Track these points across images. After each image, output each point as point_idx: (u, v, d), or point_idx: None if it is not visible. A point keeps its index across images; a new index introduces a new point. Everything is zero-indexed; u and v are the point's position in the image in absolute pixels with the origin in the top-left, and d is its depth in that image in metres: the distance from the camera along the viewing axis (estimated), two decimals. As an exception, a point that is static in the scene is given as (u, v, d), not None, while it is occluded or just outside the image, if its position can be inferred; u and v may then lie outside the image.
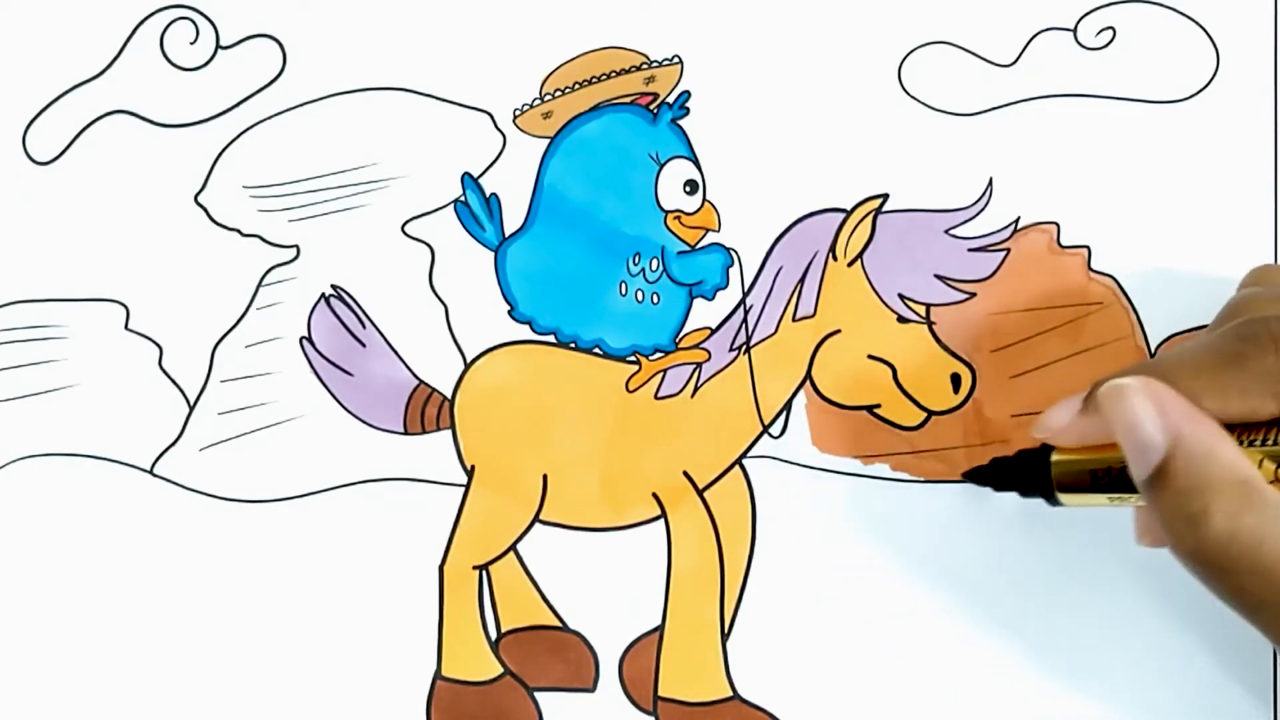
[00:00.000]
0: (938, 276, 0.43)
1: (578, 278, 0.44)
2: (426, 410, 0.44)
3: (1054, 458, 0.37)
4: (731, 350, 0.44)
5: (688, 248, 0.44)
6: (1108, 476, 0.36)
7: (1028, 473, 0.38)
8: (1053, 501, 0.38)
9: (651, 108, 0.44)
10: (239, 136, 0.44)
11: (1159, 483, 0.33)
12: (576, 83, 0.44)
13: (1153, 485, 0.34)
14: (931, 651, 0.43)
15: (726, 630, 0.44)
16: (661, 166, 0.44)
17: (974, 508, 0.42)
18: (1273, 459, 0.33)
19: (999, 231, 0.43)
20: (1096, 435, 0.36)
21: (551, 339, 0.44)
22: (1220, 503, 0.32)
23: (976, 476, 0.40)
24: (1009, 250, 0.43)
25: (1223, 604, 0.33)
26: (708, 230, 0.44)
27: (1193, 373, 0.34)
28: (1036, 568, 0.43)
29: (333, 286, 0.45)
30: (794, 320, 0.44)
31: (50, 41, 0.45)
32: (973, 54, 0.44)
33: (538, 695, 0.44)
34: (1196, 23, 0.43)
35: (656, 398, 0.44)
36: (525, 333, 0.44)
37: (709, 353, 0.44)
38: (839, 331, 0.44)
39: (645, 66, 0.44)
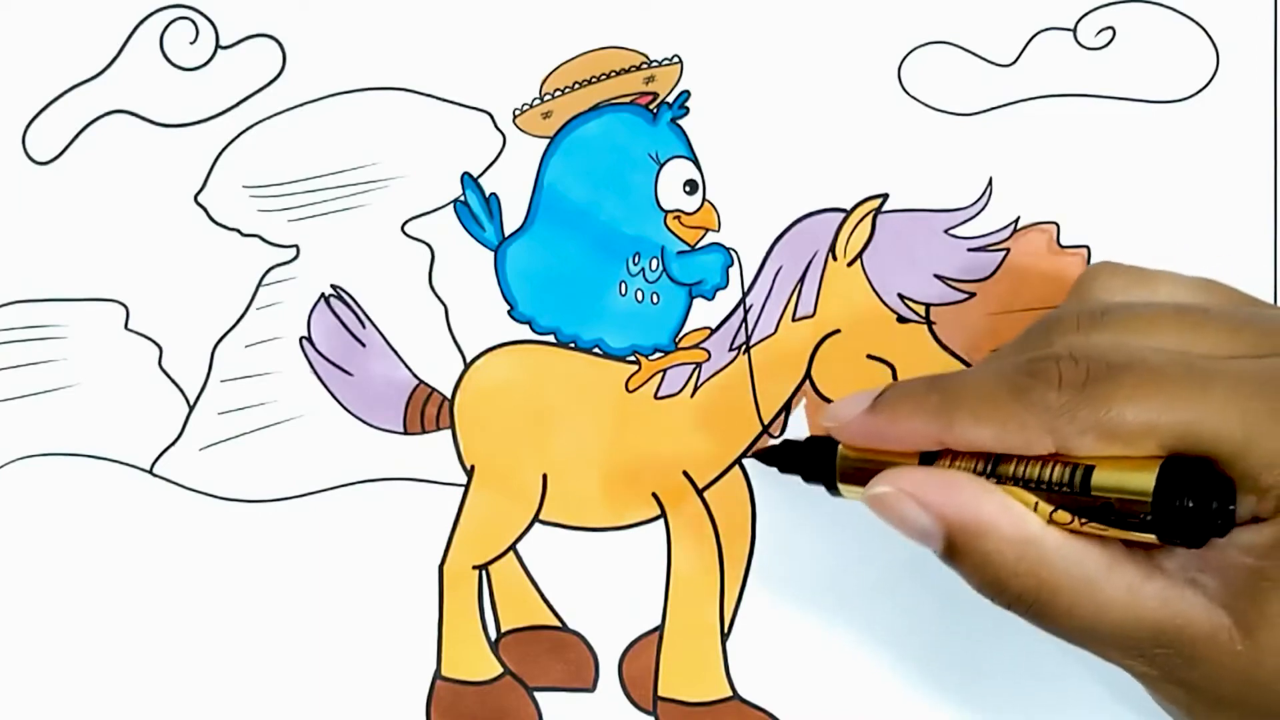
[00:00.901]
0: (937, 276, 0.43)
1: (577, 278, 0.44)
2: (426, 410, 0.44)
3: (840, 450, 0.37)
4: (731, 350, 0.44)
5: (687, 248, 0.44)
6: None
7: (813, 460, 0.38)
8: (834, 492, 0.38)
9: (651, 108, 0.44)
10: (239, 136, 0.44)
11: (953, 560, 0.35)
12: (576, 82, 0.44)
13: (949, 560, 0.35)
14: (931, 651, 0.43)
15: (726, 630, 0.44)
16: (661, 166, 0.44)
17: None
18: (1048, 500, 0.33)
19: (999, 231, 0.43)
20: (879, 439, 0.36)
21: (551, 339, 0.44)
22: (1009, 567, 0.34)
23: (764, 456, 0.41)
24: (1009, 250, 0.43)
25: None
26: (707, 230, 0.44)
27: (976, 399, 0.34)
28: (1036, 568, 0.43)
29: (333, 286, 0.45)
30: (794, 320, 0.44)
31: (50, 41, 0.45)
32: (973, 54, 0.44)
33: (537, 695, 0.44)
34: (1196, 23, 0.43)
35: (656, 398, 0.44)
36: (525, 333, 0.44)
37: (709, 353, 0.44)
38: (838, 331, 0.44)
39: (645, 66, 0.44)
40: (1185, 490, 0.31)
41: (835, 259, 0.44)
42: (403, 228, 0.44)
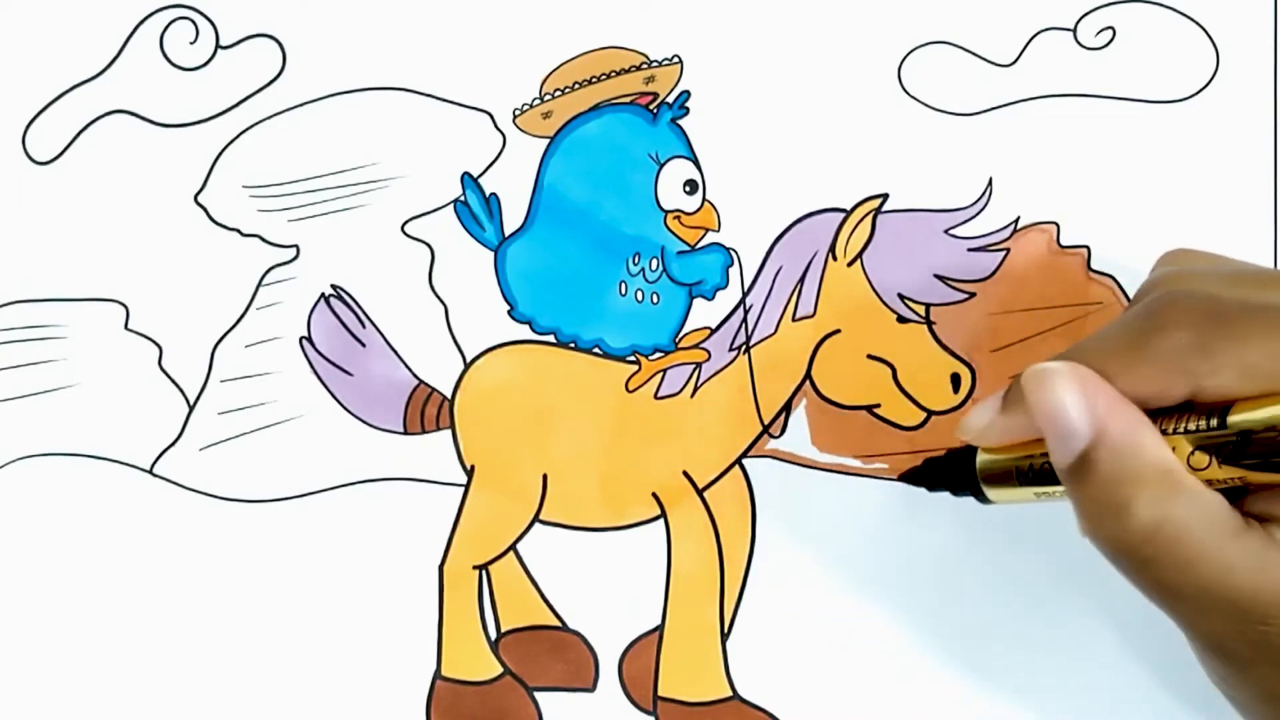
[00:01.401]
0: (937, 276, 0.43)
1: (577, 278, 0.44)
2: (426, 410, 0.44)
3: (979, 457, 0.37)
4: (731, 350, 0.44)
5: (687, 247, 0.44)
6: (1031, 472, 0.36)
7: (956, 471, 0.38)
8: (982, 499, 0.38)
9: (651, 108, 0.44)
10: (239, 136, 0.44)
11: (1081, 471, 0.33)
12: (576, 83, 0.44)
13: (1075, 474, 0.33)
14: (931, 652, 0.43)
15: (726, 630, 0.44)
16: (661, 166, 0.44)
17: (975, 509, 0.42)
18: (1189, 443, 0.32)
19: (999, 231, 0.43)
20: (1018, 433, 0.35)
21: (551, 339, 0.44)
22: (1144, 494, 0.32)
23: (911, 477, 0.40)
24: (1009, 250, 0.43)
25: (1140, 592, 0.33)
26: (707, 230, 0.44)
27: (1104, 355, 0.33)
28: (1037, 569, 0.43)
29: (333, 286, 0.45)
30: (794, 320, 0.44)
31: (50, 41, 0.45)
32: (973, 54, 0.44)
33: (537, 695, 0.44)
34: (1196, 23, 0.43)
35: (656, 398, 0.44)
36: (525, 333, 0.44)
37: (709, 353, 0.44)
38: (839, 331, 0.44)
39: (645, 66, 0.44)
40: None
41: (835, 259, 0.44)
42: (403, 228, 0.44)
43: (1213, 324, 0.32)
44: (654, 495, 0.44)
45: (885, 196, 0.44)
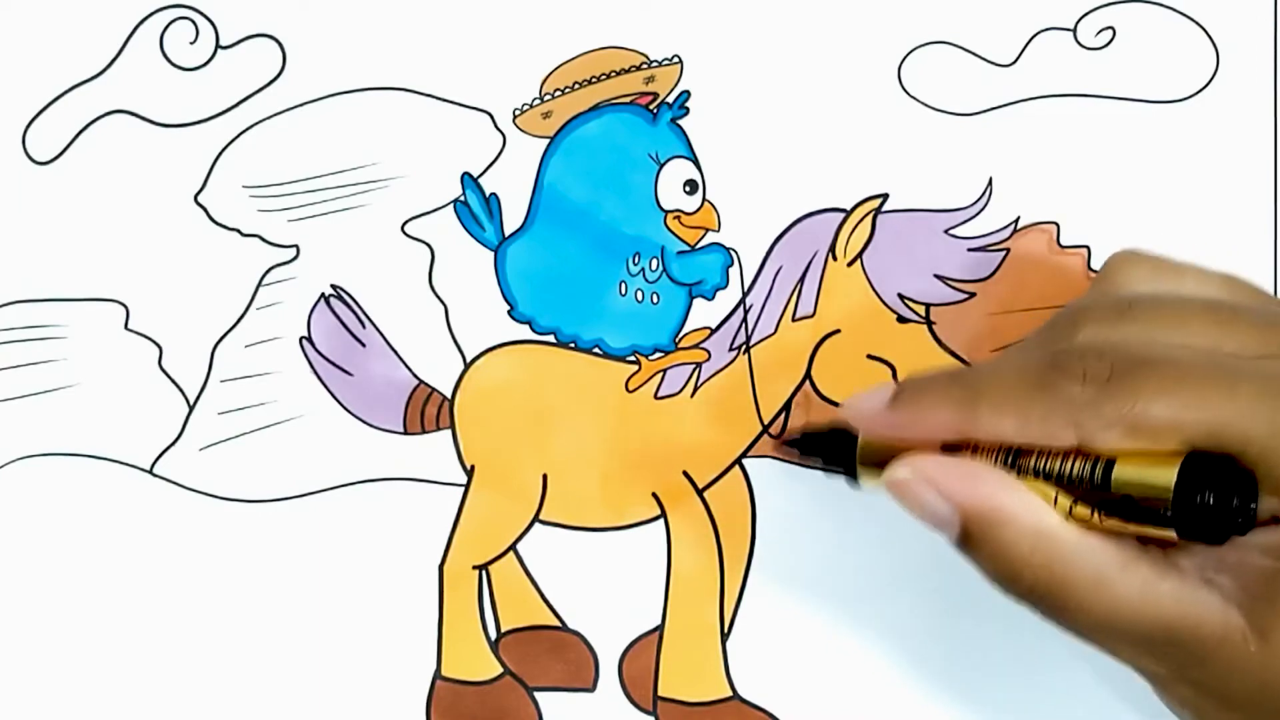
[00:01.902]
0: (937, 276, 0.43)
1: (577, 278, 0.44)
2: (426, 410, 0.44)
3: (861, 440, 0.37)
4: (731, 350, 0.44)
5: (687, 248, 0.44)
6: None
7: (834, 447, 0.38)
8: (853, 481, 0.37)
9: (651, 108, 0.44)
10: (239, 136, 0.44)
11: (967, 548, 0.34)
12: (576, 83, 0.44)
13: (963, 549, 0.35)
14: (932, 652, 0.43)
15: (726, 630, 0.44)
16: (661, 166, 0.44)
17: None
18: (1067, 494, 0.33)
19: (999, 231, 0.43)
20: (901, 429, 0.36)
21: (551, 339, 0.44)
22: (1020, 559, 0.33)
23: (787, 441, 0.40)
24: (1009, 250, 0.43)
25: None
26: (707, 230, 0.44)
27: (1001, 390, 0.34)
28: (1036, 568, 0.43)
29: (333, 286, 0.45)
30: (794, 320, 0.44)
31: (50, 41, 0.45)
32: (973, 54, 0.44)
33: (537, 695, 0.44)
34: (1196, 23, 0.43)
35: (656, 398, 0.44)
36: (525, 333, 0.44)
37: (709, 353, 0.44)
38: (838, 331, 0.44)
39: (645, 66, 0.44)
40: (1207, 486, 0.31)
41: (835, 259, 0.44)
42: (403, 228, 0.44)
43: (1107, 382, 0.33)
44: (654, 495, 0.44)
45: (885, 196, 0.44)
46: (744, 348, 0.44)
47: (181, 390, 0.44)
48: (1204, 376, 0.32)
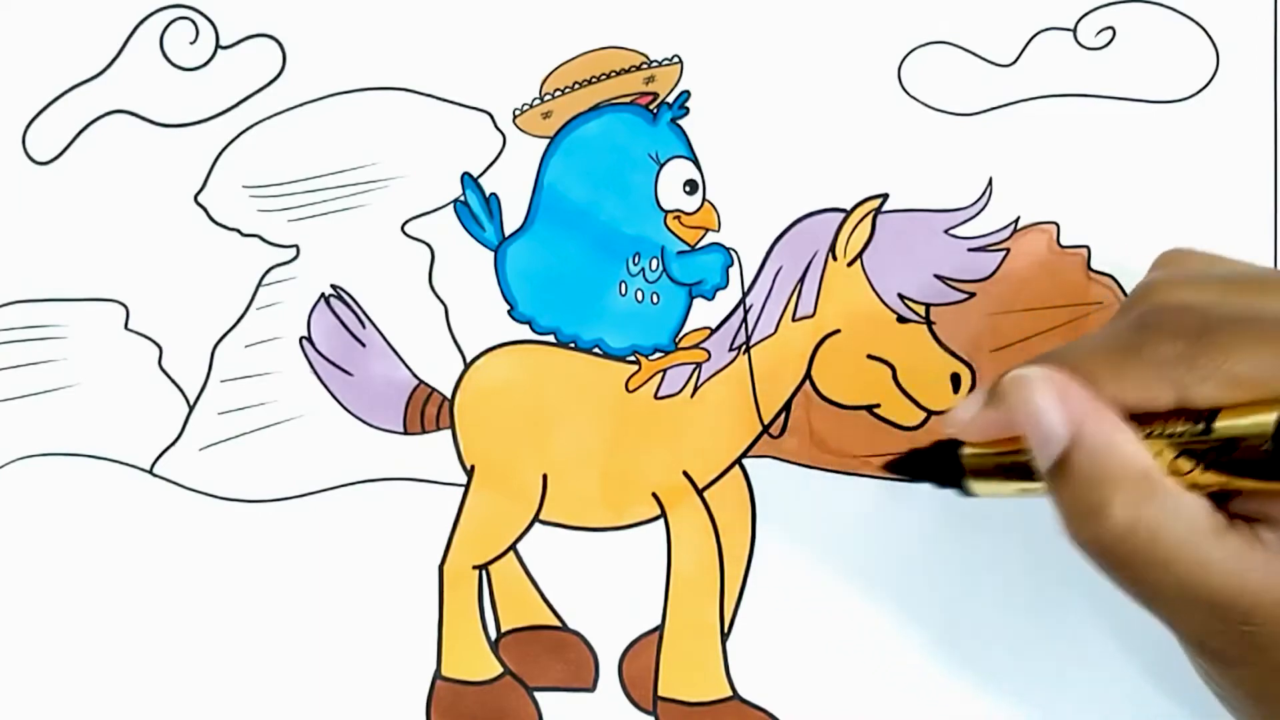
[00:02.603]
0: (937, 276, 0.43)
1: (577, 278, 0.44)
2: (426, 410, 0.44)
3: (964, 450, 0.37)
4: (731, 350, 0.44)
5: (687, 247, 0.44)
6: (1015, 467, 0.36)
7: (941, 464, 0.38)
8: (965, 492, 0.38)
9: (651, 108, 0.44)
10: (239, 136, 0.44)
11: (1060, 474, 0.33)
12: (576, 83, 0.44)
13: (1055, 476, 0.34)
14: (932, 652, 0.43)
15: (726, 630, 0.44)
16: (661, 166, 0.44)
17: (974, 509, 0.42)
18: (1172, 448, 0.33)
19: (999, 231, 0.43)
20: (1002, 429, 0.36)
21: (551, 339, 0.44)
22: (1119, 495, 0.32)
23: (896, 467, 0.40)
24: (1009, 250, 0.43)
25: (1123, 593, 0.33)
26: (707, 230, 0.44)
27: (1093, 361, 0.34)
28: (1037, 570, 0.43)
29: (333, 286, 0.45)
30: (794, 320, 0.44)
31: (50, 41, 0.45)
32: (973, 54, 0.44)
33: (537, 695, 0.44)
34: (1196, 23, 0.43)
35: (656, 398, 0.44)
36: (525, 333, 0.44)
37: (709, 353, 0.44)
38: (838, 331, 0.44)
39: (645, 66, 0.44)
40: None
41: (835, 259, 0.44)
42: (403, 228, 0.44)
43: (1199, 336, 0.33)
44: (654, 495, 0.44)
45: (885, 196, 0.44)
46: (744, 348, 0.44)
47: (181, 390, 0.44)
48: None
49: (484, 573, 0.44)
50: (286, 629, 0.44)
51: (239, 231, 0.45)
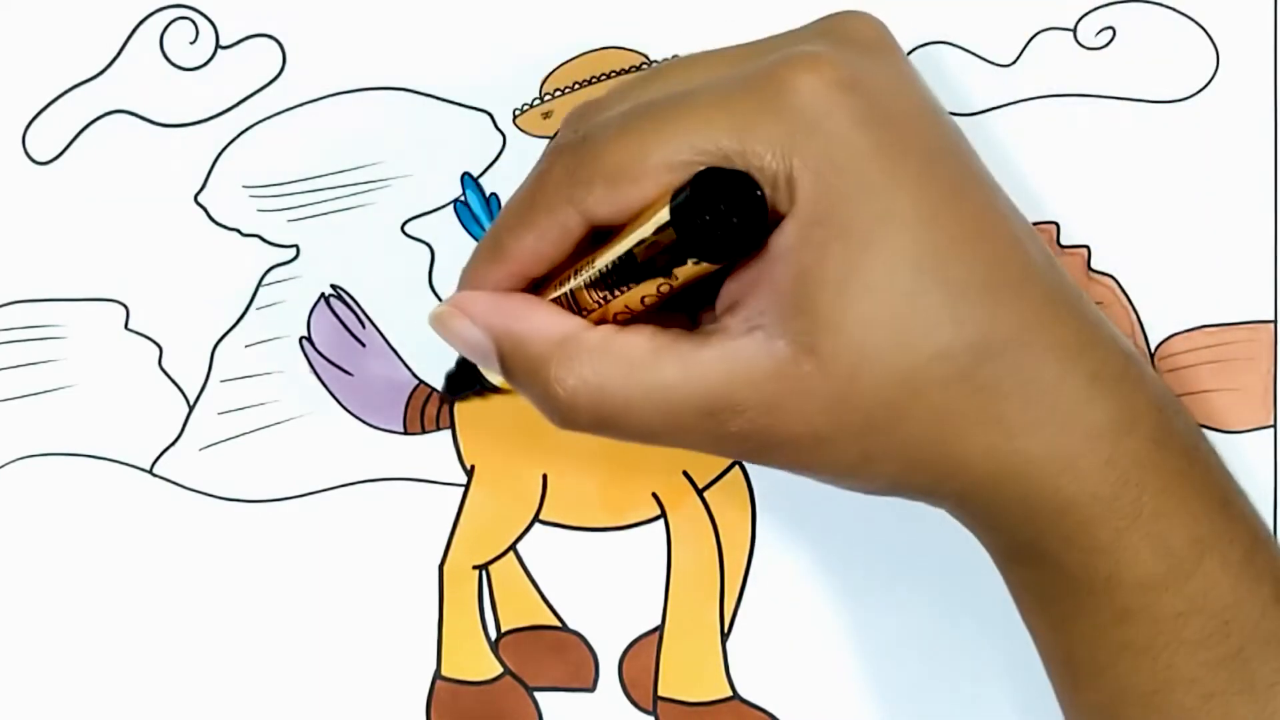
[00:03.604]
0: (938, 276, 0.43)
1: (578, 278, 0.44)
2: (426, 410, 0.44)
3: None
4: (731, 350, 0.44)
5: (688, 248, 0.44)
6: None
7: (471, 373, 0.41)
8: (493, 388, 0.40)
9: (651, 108, 0.44)
10: (239, 136, 0.44)
11: (512, 378, 0.35)
12: (576, 83, 0.44)
13: (512, 382, 0.35)
14: (932, 652, 0.43)
15: (726, 630, 0.44)
16: (661, 166, 0.44)
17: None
18: (591, 286, 0.33)
19: (999, 231, 0.43)
20: (472, 310, 0.36)
21: (551, 339, 0.44)
22: (552, 371, 0.33)
23: (447, 390, 0.43)
24: (1009, 250, 0.43)
25: None
26: (707, 230, 0.44)
27: (507, 213, 0.35)
28: (1036, 568, 0.43)
29: (333, 286, 0.45)
30: (794, 320, 0.44)
31: (50, 41, 0.45)
32: (973, 54, 0.44)
33: (537, 695, 0.44)
34: (1196, 23, 0.43)
35: (656, 398, 0.44)
36: (525, 333, 0.44)
37: (709, 353, 0.44)
38: (839, 331, 0.44)
39: (645, 66, 0.44)
40: (704, 207, 0.30)
41: (835, 259, 0.44)
42: (403, 228, 0.44)
43: (585, 142, 0.33)
44: (654, 495, 0.44)
45: (885, 196, 0.43)
46: (744, 348, 0.44)
47: (181, 390, 0.44)
48: (664, 108, 0.32)
49: (484, 573, 0.44)
50: (286, 629, 0.44)
51: (239, 231, 0.45)
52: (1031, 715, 0.43)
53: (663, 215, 0.31)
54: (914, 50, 0.44)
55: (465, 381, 0.42)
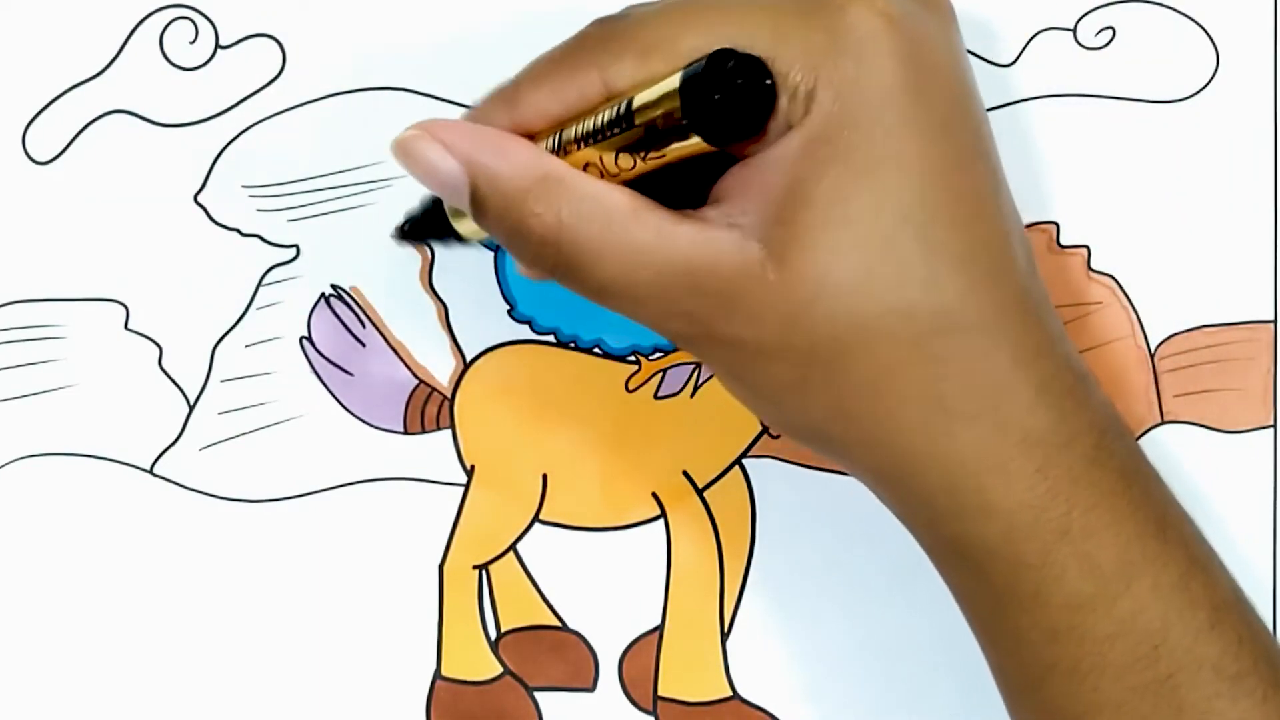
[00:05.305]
0: (938, 276, 0.43)
1: (578, 278, 0.44)
2: (426, 410, 0.44)
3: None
4: (731, 350, 0.44)
5: (688, 248, 0.44)
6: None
7: (434, 219, 0.38)
8: (459, 238, 0.38)
9: (651, 108, 0.44)
10: (239, 136, 0.44)
11: (481, 213, 0.34)
12: (576, 83, 0.44)
13: (481, 219, 0.34)
14: (932, 651, 0.43)
15: (726, 630, 0.44)
16: (661, 166, 0.44)
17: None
18: (610, 149, 0.33)
19: (999, 231, 0.43)
20: (473, 153, 0.35)
21: (551, 339, 0.44)
22: (529, 206, 0.33)
23: (401, 234, 0.40)
24: (1009, 250, 0.43)
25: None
26: (708, 230, 0.44)
27: (533, 67, 0.35)
28: (1036, 568, 0.43)
29: (333, 286, 0.45)
30: (794, 320, 0.44)
31: (50, 41, 0.45)
32: (973, 54, 0.44)
33: (537, 695, 0.44)
34: (1196, 23, 0.43)
35: (656, 397, 0.44)
36: (525, 332, 0.44)
37: (709, 353, 0.44)
38: (839, 331, 0.44)
39: (645, 66, 0.44)
40: (715, 89, 0.30)
41: (835, 259, 0.44)
42: (403, 228, 0.44)
43: (625, 18, 0.33)
44: (654, 495, 0.44)
45: (885, 196, 0.43)
46: (744, 348, 0.44)
47: (181, 390, 0.44)
48: (714, 2, 0.32)
49: (484, 572, 0.44)
50: (286, 629, 0.44)
51: (239, 231, 0.45)
52: (1031, 715, 0.43)
53: (671, 82, 0.31)
54: (914, 50, 0.44)
55: (426, 228, 0.39)
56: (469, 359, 0.44)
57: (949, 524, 0.33)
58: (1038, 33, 0.44)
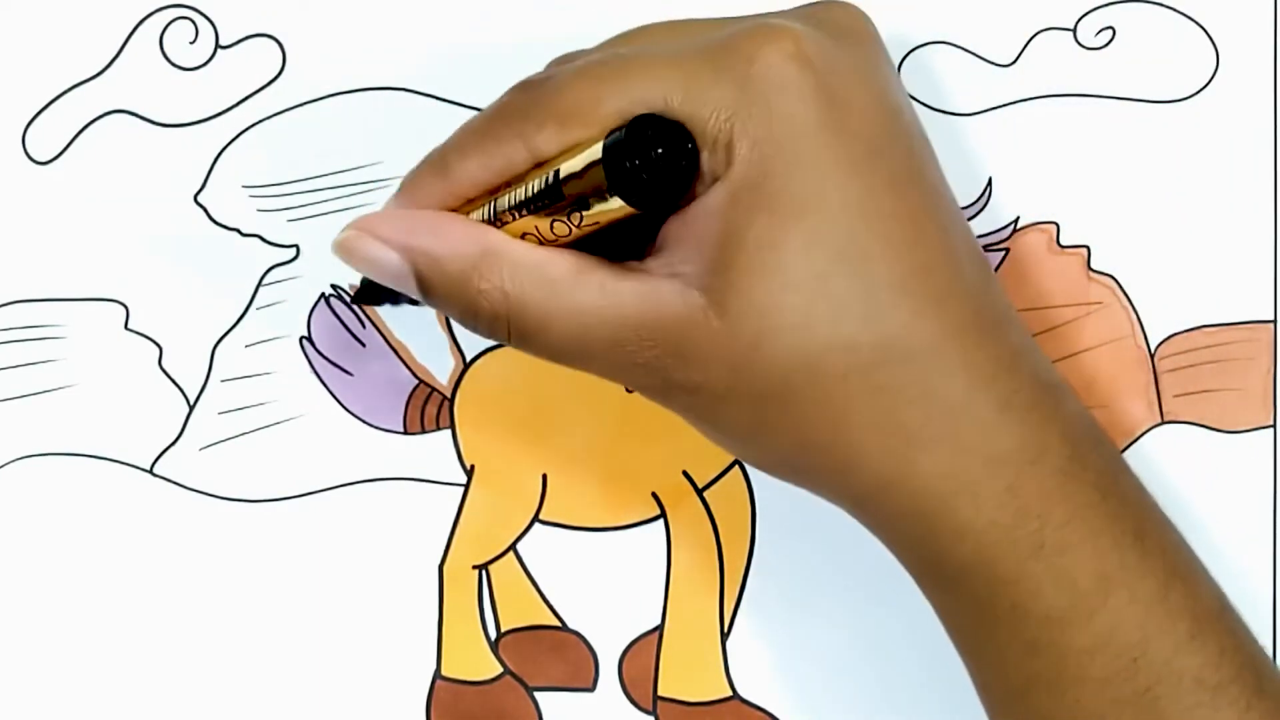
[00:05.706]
0: (937, 276, 0.43)
1: (577, 278, 0.44)
2: (426, 410, 0.44)
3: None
4: (731, 350, 0.44)
5: (687, 248, 0.44)
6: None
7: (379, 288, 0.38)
8: (415, 302, 0.37)
9: (651, 108, 0.44)
10: (239, 136, 0.44)
11: (432, 295, 0.34)
12: (576, 83, 0.44)
13: (431, 301, 0.35)
14: (932, 651, 0.43)
15: (726, 630, 0.44)
16: (661, 166, 0.44)
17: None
18: (546, 218, 0.33)
19: (998, 231, 0.43)
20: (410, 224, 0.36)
21: (551, 339, 0.44)
22: (475, 285, 0.33)
23: (359, 299, 0.41)
24: (1008, 250, 0.43)
25: None
26: (707, 230, 0.44)
27: (462, 135, 0.35)
28: (1036, 568, 0.43)
29: (333, 286, 0.45)
30: (794, 320, 0.44)
31: (50, 41, 0.45)
32: (972, 54, 0.44)
33: (537, 695, 0.44)
34: (1196, 23, 0.43)
35: (656, 398, 0.44)
36: (525, 333, 0.44)
37: (709, 353, 0.44)
38: (839, 331, 0.44)
39: (645, 66, 0.44)
40: (636, 153, 0.31)
41: (835, 259, 0.44)
42: (403, 228, 0.44)
43: (545, 83, 0.33)
44: (654, 495, 0.44)
45: (885, 196, 0.43)
46: (744, 348, 0.44)
47: (181, 390, 0.44)
48: (623, 61, 0.33)
49: (484, 572, 0.44)
50: (286, 629, 0.44)
51: (239, 231, 0.45)
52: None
53: (594, 152, 0.32)
54: (914, 50, 0.44)
55: (376, 294, 0.40)
56: (469, 359, 0.44)
57: (924, 545, 0.34)
58: (1038, 33, 0.44)
